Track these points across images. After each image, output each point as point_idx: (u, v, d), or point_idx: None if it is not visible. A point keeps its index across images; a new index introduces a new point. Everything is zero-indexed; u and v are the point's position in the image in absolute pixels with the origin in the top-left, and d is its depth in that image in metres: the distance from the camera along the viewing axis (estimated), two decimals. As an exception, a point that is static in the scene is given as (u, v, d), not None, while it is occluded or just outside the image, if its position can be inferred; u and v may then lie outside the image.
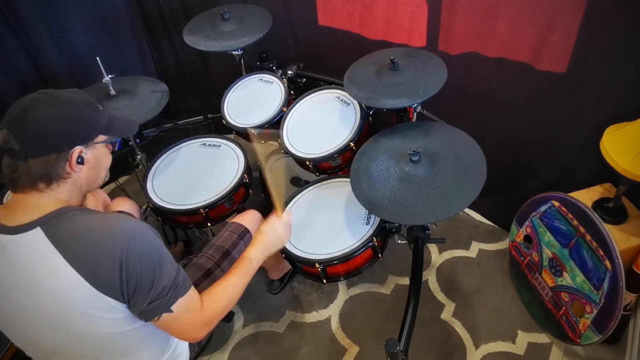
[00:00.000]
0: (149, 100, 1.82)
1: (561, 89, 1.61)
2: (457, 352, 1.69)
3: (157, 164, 1.85)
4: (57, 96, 1.00)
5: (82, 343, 1.01)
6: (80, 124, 1.01)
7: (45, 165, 0.96)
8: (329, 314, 1.87)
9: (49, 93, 1.00)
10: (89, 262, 0.92)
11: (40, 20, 2.11)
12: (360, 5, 1.90)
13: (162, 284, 0.98)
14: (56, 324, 0.97)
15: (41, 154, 0.95)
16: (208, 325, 1.11)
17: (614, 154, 1.33)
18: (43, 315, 0.97)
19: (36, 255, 0.93)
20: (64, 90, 1.03)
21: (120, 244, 0.93)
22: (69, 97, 1.01)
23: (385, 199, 1.37)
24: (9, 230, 0.94)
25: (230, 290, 1.17)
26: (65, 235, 0.94)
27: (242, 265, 1.23)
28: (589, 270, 1.46)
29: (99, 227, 0.96)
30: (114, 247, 0.93)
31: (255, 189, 1.87)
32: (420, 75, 1.56)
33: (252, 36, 1.95)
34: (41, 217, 0.95)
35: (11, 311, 1.00)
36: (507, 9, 1.56)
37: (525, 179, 1.94)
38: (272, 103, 1.89)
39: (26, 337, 1.05)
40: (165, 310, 1.00)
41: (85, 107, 1.02)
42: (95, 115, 1.04)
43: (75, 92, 1.05)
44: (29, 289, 0.95)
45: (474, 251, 2.03)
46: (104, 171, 1.12)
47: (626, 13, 1.36)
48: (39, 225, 0.94)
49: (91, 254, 0.93)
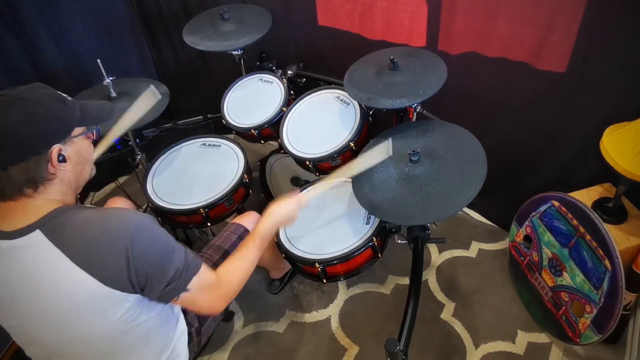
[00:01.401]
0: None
1: (561, 89, 1.61)
2: (457, 352, 1.70)
3: (157, 164, 1.85)
4: (19, 97, 0.94)
5: (85, 343, 1.01)
6: (51, 122, 0.96)
7: (26, 171, 0.93)
8: (328, 314, 1.87)
9: (8, 95, 0.94)
10: (95, 259, 0.92)
11: (40, 20, 2.11)
12: (360, 5, 1.90)
13: (173, 268, 0.99)
14: (59, 324, 0.97)
15: (18, 160, 0.92)
16: (226, 298, 1.14)
17: (613, 153, 1.33)
18: (48, 316, 0.96)
19: (38, 258, 0.92)
20: (24, 88, 0.97)
21: (124, 236, 0.93)
22: (31, 96, 0.95)
23: (386, 201, 1.37)
24: (7, 235, 0.93)
25: (245, 263, 1.20)
26: (66, 234, 0.93)
27: (255, 237, 1.25)
28: (589, 270, 1.46)
29: (100, 223, 0.95)
30: (118, 241, 0.92)
31: (255, 189, 1.87)
32: (420, 75, 1.56)
33: (252, 36, 1.95)
34: (39, 220, 0.93)
35: (15, 314, 0.99)
36: (507, 9, 1.56)
37: (525, 178, 1.94)
38: (272, 103, 1.89)
39: (30, 338, 1.04)
40: (182, 290, 1.02)
41: (51, 103, 0.97)
42: (65, 108, 0.99)
43: (36, 87, 0.99)
44: (33, 292, 0.94)
45: (473, 251, 2.03)
46: (88, 164, 1.09)
47: (626, 13, 1.36)
48: (38, 228, 0.92)
49: (96, 251, 0.92)
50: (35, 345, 1.06)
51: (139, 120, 1.52)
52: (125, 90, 1.86)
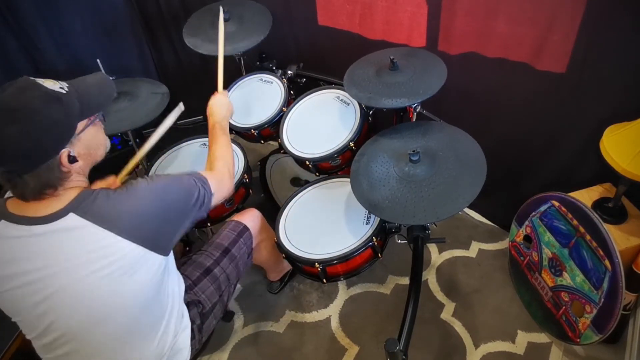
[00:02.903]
0: (149, 102, 1.82)
1: (561, 89, 1.61)
2: (457, 351, 1.70)
3: (157, 164, 1.85)
4: (12, 109, 0.90)
5: (108, 321, 1.04)
6: (52, 129, 0.94)
7: (39, 177, 0.95)
8: (329, 314, 1.87)
9: (2, 107, 0.91)
10: (127, 223, 0.99)
11: (40, 20, 2.12)
12: (360, 5, 1.90)
13: (195, 197, 1.13)
14: (89, 300, 1.00)
15: (28, 170, 0.93)
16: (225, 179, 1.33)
17: (613, 153, 1.33)
18: (78, 293, 0.99)
19: (77, 236, 0.96)
20: (13, 94, 0.92)
21: (150, 200, 1.05)
22: (24, 105, 0.91)
23: (386, 199, 1.37)
24: (41, 220, 0.96)
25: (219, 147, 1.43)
26: (100, 210, 0.98)
27: (216, 129, 1.50)
28: (589, 270, 1.46)
29: (126, 193, 1.03)
30: (149, 203, 1.04)
31: (255, 189, 1.87)
32: (420, 75, 1.56)
33: (253, 39, 1.94)
34: (68, 204, 0.97)
35: (38, 295, 1.00)
36: (507, 9, 1.56)
37: (525, 178, 1.94)
38: (272, 103, 1.89)
39: (45, 319, 1.03)
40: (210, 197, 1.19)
41: (48, 108, 0.93)
42: (62, 108, 0.95)
43: (25, 89, 0.93)
44: (67, 270, 0.98)
45: (473, 251, 2.03)
46: (101, 147, 1.11)
47: (626, 13, 1.36)
48: (71, 211, 0.96)
49: (131, 216, 1.00)
50: (48, 328, 1.03)
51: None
52: (125, 90, 1.86)
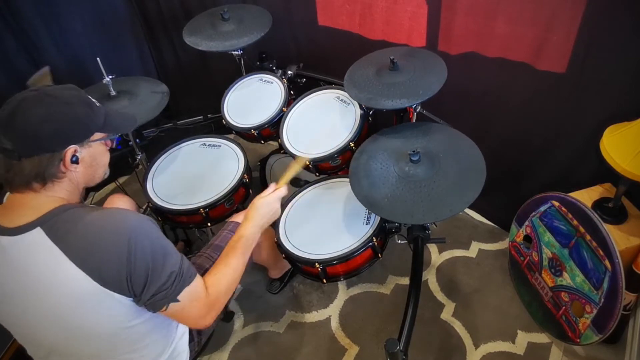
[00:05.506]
0: (149, 101, 1.82)
1: (561, 89, 1.61)
2: (457, 351, 1.70)
3: (157, 164, 1.85)
4: (50, 94, 0.97)
5: (84, 341, 1.02)
6: (74, 124, 0.99)
7: (38, 165, 0.95)
8: (329, 314, 1.87)
9: (41, 91, 0.97)
10: (93, 259, 0.92)
11: (40, 20, 2.11)
12: (360, 5, 1.90)
13: (166, 274, 0.98)
14: (57, 321, 0.98)
15: (33, 154, 0.94)
16: (214, 310, 1.12)
17: (613, 153, 1.33)
18: (45, 314, 0.97)
19: (38, 255, 0.93)
20: (58, 87, 1.00)
21: (123, 238, 0.93)
22: (62, 95, 0.98)
23: (385, 198, 1.37)
24: (9, 232, 0.94)
25: (232, 272, 1.18)
26: (67, 233, 0.93)
27: (240, 244, 1.24)
28: (589, 270, 1.46)
29: (101, 223, 0.96)
30: (117, 242, 0.93)
31: (255, 189, 1.87)
32: (420, 75, 1.56)
33: (252, 36, 1.94)
34: (40, 217, 0.94)
35: (14, 311, 1.00)
36: (507, 9, 1.56)
37: (525, 179, 1.94)
38: (272, 103, 1.89)
39: (28, 336, 1.05)
40: (172, 300, 1.01)
41: (80, 106, 1.00)
42: (91, 113, 1.02)
43: (70, 88, 1.02)
44: (31, 289, 0.95)
45: (473, 251, 2.03)
46: (102, 168, 1.11)
47: (626, 13, 1.36)
48: (39, 225, 0.93)
49: (94, 251, 0.93)
50: (34, 343, 1.06)
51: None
52: (125, 89, 1.86)
